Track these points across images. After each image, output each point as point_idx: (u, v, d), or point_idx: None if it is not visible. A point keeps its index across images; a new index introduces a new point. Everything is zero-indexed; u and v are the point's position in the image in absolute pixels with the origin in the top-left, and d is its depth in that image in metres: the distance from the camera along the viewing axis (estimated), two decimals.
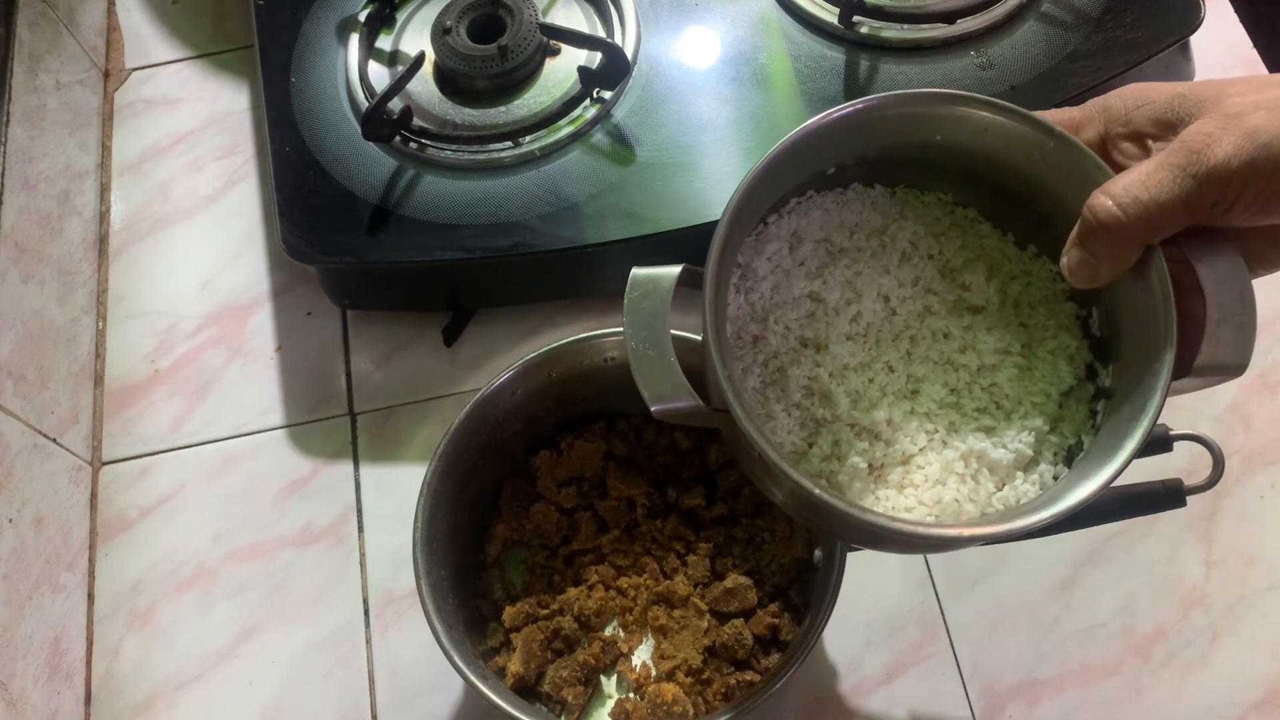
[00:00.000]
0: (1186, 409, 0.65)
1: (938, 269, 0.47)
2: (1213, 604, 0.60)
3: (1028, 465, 0.44)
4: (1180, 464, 0.54)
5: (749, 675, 0.57)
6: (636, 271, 0.43)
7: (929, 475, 0.44)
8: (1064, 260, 0.42)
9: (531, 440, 0.64)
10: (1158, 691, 0.59)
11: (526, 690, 0.58)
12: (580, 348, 0.59)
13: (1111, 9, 0.67)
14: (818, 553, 0.57)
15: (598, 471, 0.63)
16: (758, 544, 0.61)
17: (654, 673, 0.58)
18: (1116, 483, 0.50)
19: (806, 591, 0.58)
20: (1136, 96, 0.41)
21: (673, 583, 0.60)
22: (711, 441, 0.63)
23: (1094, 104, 0.43)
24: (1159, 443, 0.52)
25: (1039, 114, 0.43)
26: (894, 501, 0.43)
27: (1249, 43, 0.75)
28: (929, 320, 0.46)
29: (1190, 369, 0.39)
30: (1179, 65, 0.70)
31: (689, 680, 0.57)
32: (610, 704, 0.58)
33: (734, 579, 0.59)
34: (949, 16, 0.68)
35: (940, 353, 0.46)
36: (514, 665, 0.57)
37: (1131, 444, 0.39)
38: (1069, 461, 0.44)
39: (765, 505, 0.61)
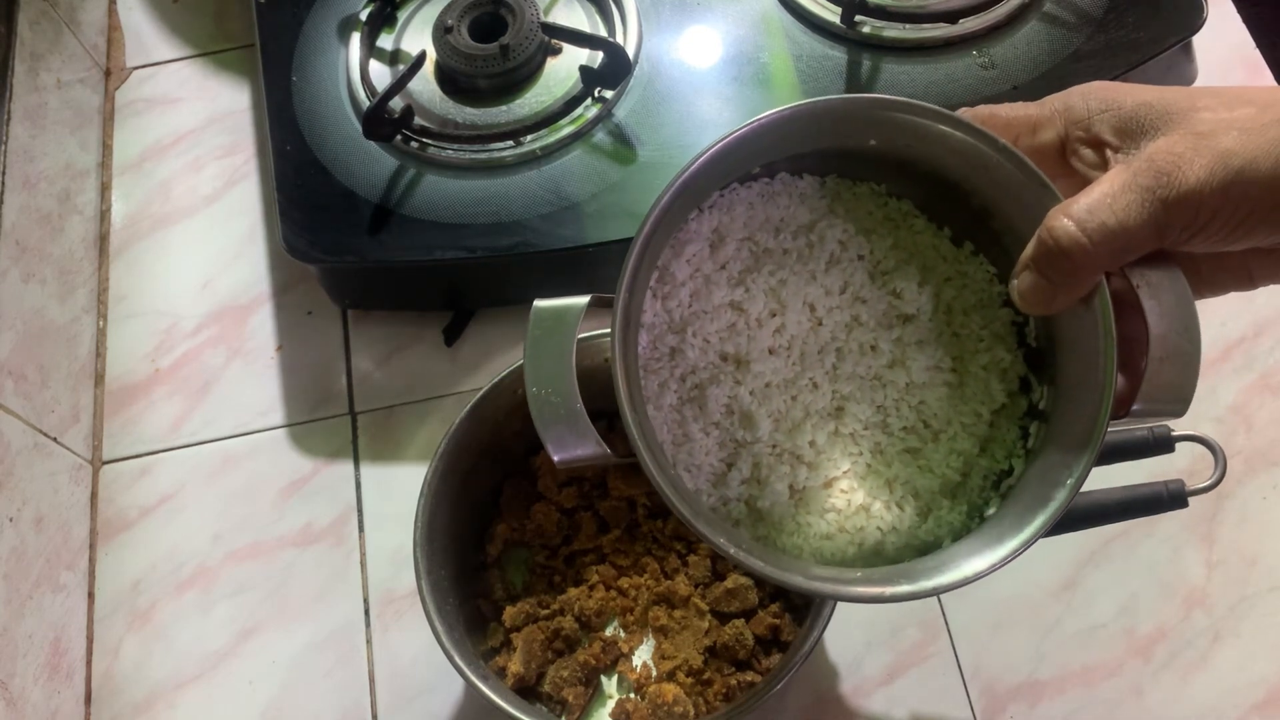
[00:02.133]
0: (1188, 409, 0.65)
1: (868, 272, 0.44)
2: (1214, 605, 0.60)
3: (954, 491, 0.42)
4: (1182, 464, 0.54)
5: (750, 676, 0.57)
6: (539, 304, 0.39)
7: (852, 501, 0.42)
8: (1014, 284, 0.39)
9: (532, 440, 0.64)
10: (1159, 692, 0.59)
11: (527, 690, 0.58)
12: (581, 348, 0.59)
13: (1114, 9, 0.67)
14: None
15: (598, 471, 0.63)
16: None
17: (655, 673, 0.58)
18: (1117, 483, 0.51)
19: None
20: (1101, 99, 0.39)
21: (673, 583, 0.60)
22: None
23: (1054, 101, 0.40)
24: (1161, 444, 0.52)
25: (994, 109, 0.40)
26: (816, 527, 0.42)
27: (1251, 43, 0.75)
28: (856, 332, 0.43)
29: (1129, 412, 0.37)
30: (1181, 65, 0.70)
31: (690, 680, 0.57)
32: (611, 704, 0.58)
33: (735, 579, 0.59)
34: (951, 16, 0.68)
35: (868, 368, 0.43)
36: (514, 665, 0.57)
37: (1043, 517, 0.38)
38: (997, 486, 0.42)
39: None
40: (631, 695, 0.58)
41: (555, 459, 0.38)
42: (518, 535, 0.62)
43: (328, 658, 0.63)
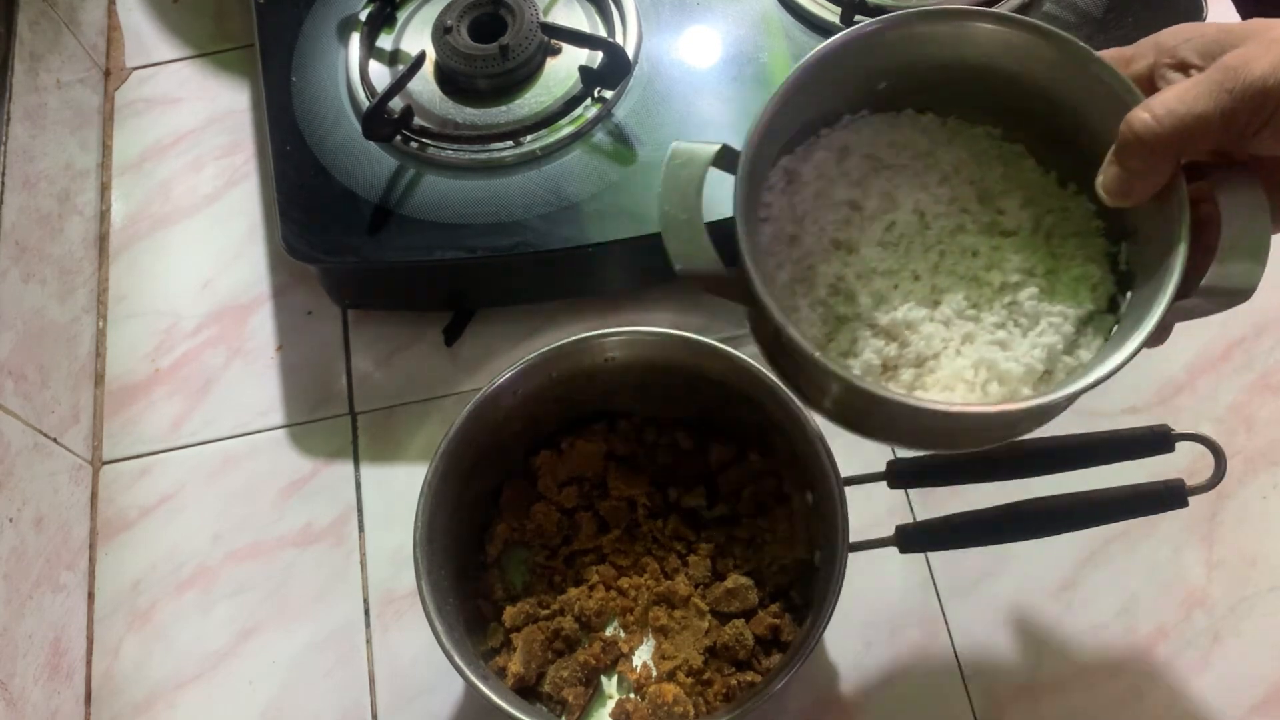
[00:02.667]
0: (1188, 410, 0.65)
1: (976, 193, 0.48)
2: (1214, 605, 0.60)
3: (1036, 382, 0.44)
4: (1182, 464, 0.53)
5: (750, 676, 0.57)
6: (677, 144, 0.44)
7: (939, 379, 0.45)
8: (1100, 179, 0.42)
9: (533, 440, 0.64)
10: (1159, 692, 0.59)
11: (527, 690, 0.58)
12: (582, 347, 0.59)
13: (1114, 9, 0.67)
14: (819, 553, 0.57)
15: (599, 471, 0.63)
16: (759, 544, 0.61)
17: (654, 673, 0.58)
18: (1117, 482, 0.51)
19: (807, 592, 0.58)
20: (1185, 32, 0.42)
21: (673, 583, 0.60)
22: (713, 442, 0.63)
23: (1145, 41, 0.44)
24: (1161, 442, 0.52)
25: (1080, 43, 0.44)
26: None
27: None
28: (960, 237, 0.47)
29: (1197, 287, 0.40)
30: None
31: (690, 681, 0.57)
32: (611, 704, 0.58)
33: (735, 579, 0.59)
34: None
35: (966, 268, 0.47)
36: (514, 665, 0.57)
37: (1151, 320, 0.40)
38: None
39: (767, 505, 0.61)
40: (631, 695, 0.58)
41: (677, 268, 0.42)
42: (518, 535, 0.62)
43: (328, 658, 0.63)
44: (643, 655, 0.60)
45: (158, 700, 0.63)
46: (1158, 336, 0.43)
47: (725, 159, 0.43)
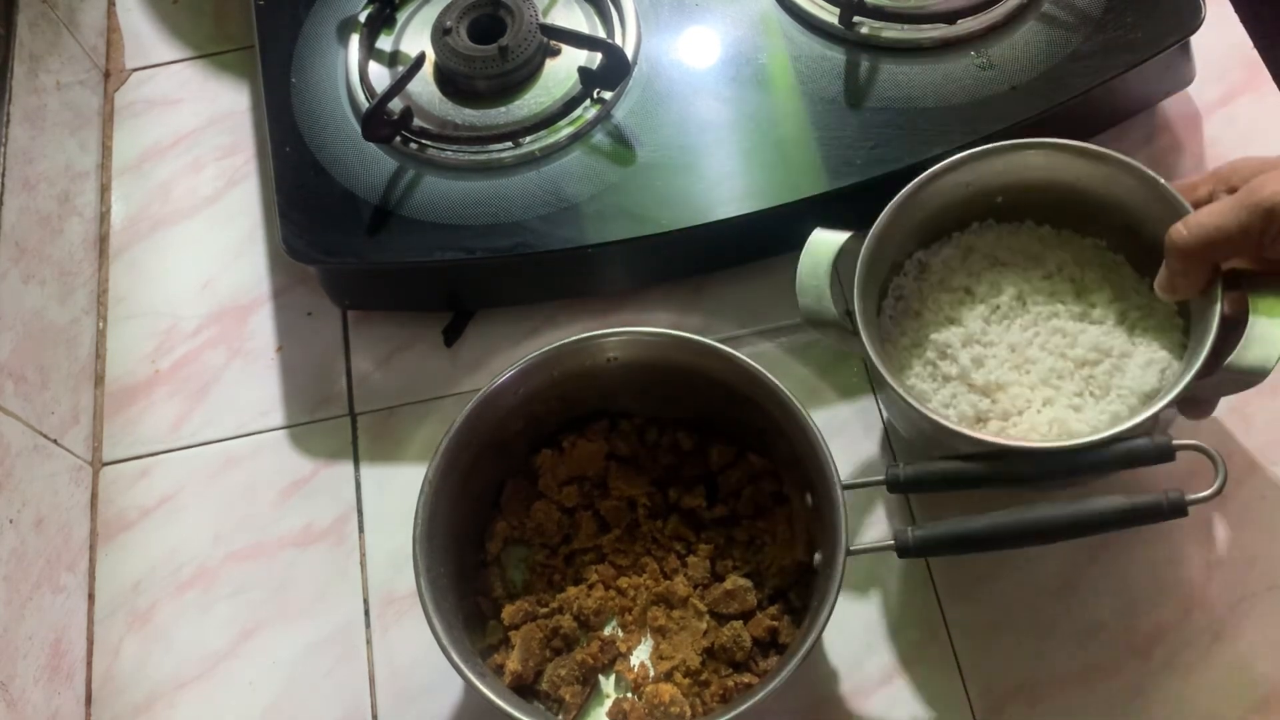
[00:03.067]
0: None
1: (1073, 289, 0.59)
2: (1213, 605, 0.60)
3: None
4: (1183, 468, 0.53)
5: (747, 677, 0.57)
6: (819, 231, 0.58)
7: (1019, 431, 0.56)
8: (1156, 279, 0.54)
9: (534, 439, 0.64)
10: (1159, 692, 0.58)
11: (524, 689, 0.58)
12: (583, 347, 0.59)
13: (1112, 9, 0.67)
14: (818, 556, 0.57)
15: (600, 471, 0.63)
16: (758, 546, 0.61)
17: (652, 673, 0.58)
18: (1117, 488, 0.51)
19: (806, 595, 0.58)
20: (1240, 163, 0.53)
21: (672, 583, 0.60)
22: (714, 443, 0.63)
23: (1209, 171, 0.55)
24: (1162, 453, 0.52)
25: (1148, 170, 0.56)
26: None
27: (1250, 43, 0.75)
28: (1053, 321, 0.58)
29: (1220, 365, 0.51)
30: (1179, 65, 0.70)
31: (687, 681, 0.57)
32: (608, 704, 0.58)
33: (734, 581, 0.59)
34: (949, 17, 0.68)
35: (1055, 345, 0.58)
36: (512, 663, 0.57)
37: (1176, 388, 0.52)
38: None
39: (766, 507, 0.61)
40: (629, 695, 0.58)
41: (803, 316, 0.57)
42: (518, 533, 0.63)
43: (328, 658, 0.64)
44: (640, 655, 0.60)
45: (158, 701, 0.63)
46: (1198, 409, 0.56)
47: (853, 242, 0.57)
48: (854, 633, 0.61)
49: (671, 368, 0.60)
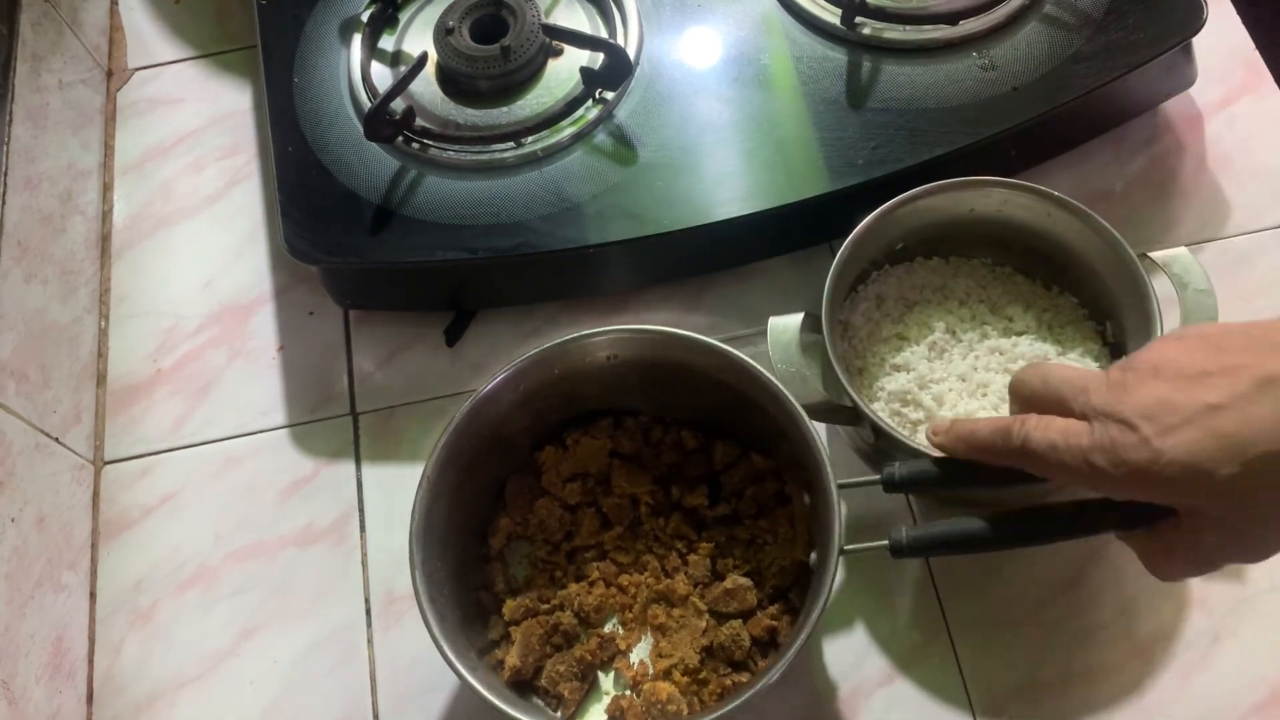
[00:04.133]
0: None
1: (988, 308, 0.64)
2: (1214, 605, 0.60)
3: None
4: None
5: (746, 677, 0.57)
6: (773, 320, 0.60)
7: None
8: None
9: (538, 435, 0.64)
10: (1159, 692, 0.59)
11: (524, 684, 0.58)
12: (580, 345, 0.59)
13: (1114, 10, 0.67)
14: (814, 555, 0.57)
15: (603, 468, 0.63)
16: (759, 546, 0.61)
17: (651, 671, 0.58)
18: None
19: (806, 594, 0.58)
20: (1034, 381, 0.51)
21: (673, 581, 0.60)
22: (716, 442, 0.63)
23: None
24: None
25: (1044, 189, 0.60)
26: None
27: (1251, 44, 0.75)
28: (986, 341, 0.62)
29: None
30: (1181, 67, 0.70)
31: (685, 680, 0.57)
32: (606, 700, 0.58)
33: (734, 580, 0.59)
34: (951, 18, 0.68)
35: (997, 363, 0.61)
36: (511, 658, 0.57)
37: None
38: None
39: (769, 507, 0.61)
40: (627, 692, 0.58)
41: (800, 406, 0.56)
42: (521, 529, 0.63)
43: (329, 657, 0.64)
44: (640, 653, 0.60)
45: (159, 699, 0.63)
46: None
47: (808, 321, 0.60)
48: (855, 633, 0.61)
49: (671, 366, 0.60)
